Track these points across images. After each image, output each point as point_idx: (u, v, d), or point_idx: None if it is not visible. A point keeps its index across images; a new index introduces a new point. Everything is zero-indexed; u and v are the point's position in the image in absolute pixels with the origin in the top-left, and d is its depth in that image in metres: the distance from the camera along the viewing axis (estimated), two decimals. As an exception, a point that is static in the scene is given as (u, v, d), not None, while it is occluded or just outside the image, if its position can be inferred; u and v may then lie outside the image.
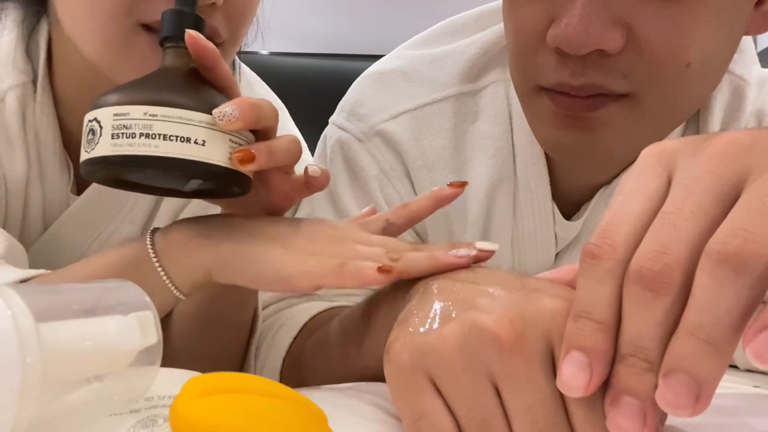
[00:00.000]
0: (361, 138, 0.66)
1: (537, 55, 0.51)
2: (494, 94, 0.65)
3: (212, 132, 0.42)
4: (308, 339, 0.58)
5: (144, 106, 0.41)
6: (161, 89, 0.42)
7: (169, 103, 0.41)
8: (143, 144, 0.41)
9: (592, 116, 0.51)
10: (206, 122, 0.42)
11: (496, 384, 0.31)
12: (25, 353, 0.25)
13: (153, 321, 0.32)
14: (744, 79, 0.60)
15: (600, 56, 0.48)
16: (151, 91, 0.42)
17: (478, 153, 0.64)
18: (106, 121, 0.42)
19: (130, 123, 0.41)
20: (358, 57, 1.29)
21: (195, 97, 0.43)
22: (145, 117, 0.41)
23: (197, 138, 0.42)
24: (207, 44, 0.44)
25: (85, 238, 0.67)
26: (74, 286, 0.35)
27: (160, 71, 0.45)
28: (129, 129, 0.41)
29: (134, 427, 0.30)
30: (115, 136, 0.41)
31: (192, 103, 0.42)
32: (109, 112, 0.42)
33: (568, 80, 0.49)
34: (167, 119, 0.41)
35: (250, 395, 0.30)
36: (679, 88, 0.50)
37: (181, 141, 0.41)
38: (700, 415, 0.36)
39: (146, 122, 0.41)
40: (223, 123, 0.42)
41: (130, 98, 0.42)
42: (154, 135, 0.41)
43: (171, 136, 0.41)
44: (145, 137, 0.41)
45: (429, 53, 0.68)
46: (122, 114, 0.41)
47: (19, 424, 0.26)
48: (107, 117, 0.42)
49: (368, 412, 0.38)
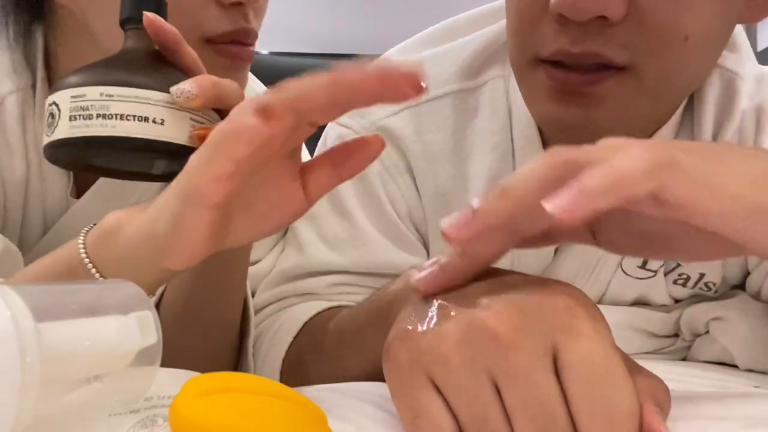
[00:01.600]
0: (362, 134, 0.67)
1: (537, 26, 0.51)
2: (494, 90, 0.65)
3: (171, 111, 0.42)
4: (308, 338, 0.58)
5: (100, 87, 0.41)
6: (119, 70, 0.42)
7: (126, 83, 0.41)
8: (100, 125, 0.40)
9: (589, 91, 0.51)
10: (165, 101, 0.41)
11: (495, 381, 0.31)
12: (25, 353, 0.25)
13: (153, 321, 0.32)
14: (736, 73, 0.60)
15: (601, 24, 0.48)
16: (109, 72, 0.42)
17: (478, 148, 0.64)
18: (63, 104, 0.41)
19: (87, 104, 0.41)
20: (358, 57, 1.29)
21: (154, 76, 0.42)
22: (101, 98, 0.40)
23: (155, 117, 0.41)
24: (167, 27, 0.43)
25: None
26: (74, 286, 0.35)
27: (120, 53, 0.45)
28: (86, 110, 0.41)
29: (134, 427, 0.30)
30: (73, 118, 0.41)
31: (149, 82, 0.41)
32: (66, 94, 0.41)
33: (567, 48, 0.49)
34: (124, 99, 0.41)
35: (249, 395, 0.30)
36: (677, 61, 0.50)
37: (139, 120, 0.41)
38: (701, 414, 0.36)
39: (103, 103, 0.40)
40: (181, 100, 0.41)
41: (86, 80, 0.41)
42: (110, 115, 0.40)
43: (128, 116, 0.40)
44: (102, 117, 0.40)
45: (428, 52, 0.68)
46: (79, 96, 0.41)
47: (19, 424, 0.26)
48: (65, 99, 0.41)
49: (368, 411, 0.38)
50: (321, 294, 0.65)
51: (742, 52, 0.62)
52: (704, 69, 0.57)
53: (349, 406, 0.39)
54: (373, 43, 1.30)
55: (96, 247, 0.42)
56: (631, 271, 0.64)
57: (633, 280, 0.65)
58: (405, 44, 0.73)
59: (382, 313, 0.45)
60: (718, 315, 0.65)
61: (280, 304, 0.65)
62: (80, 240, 0.43)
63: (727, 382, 0.61)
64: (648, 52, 0.49)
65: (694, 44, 0.49)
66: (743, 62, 0.61)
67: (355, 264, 0.65)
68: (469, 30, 0.68)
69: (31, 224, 0.66)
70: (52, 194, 0.65)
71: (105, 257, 0.42)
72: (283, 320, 0.62)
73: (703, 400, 0.39)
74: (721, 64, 0.60)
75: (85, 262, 0.41)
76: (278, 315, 0.64)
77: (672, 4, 0.47)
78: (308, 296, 0.65)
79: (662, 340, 0.69)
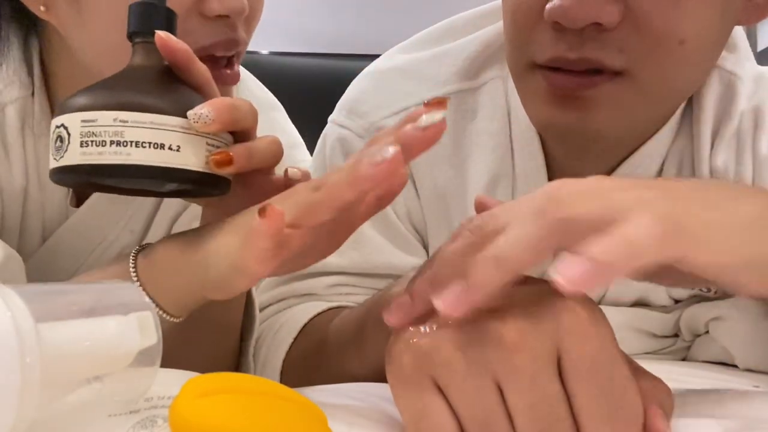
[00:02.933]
0: (362, 135, 0.67)
1: (534, 31, 0.51)
2: (493, 90, 0.65)
3: (187, 136, 0.40)
4: (308, 339, 0.58)
5: (113, 112, 0.38)
6: (131, 91, 0.40)
7: (140, 107, 0.39)
8: (114, 152, 0.38)
9: (585, 95, 0.51)
10: (180, 126, 0.39)
11: (498, 383, 0.31)
12: (25, 353, 0.25)
13: (152, 321, 0.32)
14: (735, 74, 0.60)
15: (596, 30, 0.48)
16: (121, 94, 0.39)
17: (478, 149, 0.64)
18: (73, 128, 0.39)
19: (99, 130, 0.38)
20: (358, 57, 1.29)
21: (168, 99, 0.40)
22: (114, 123, 0.38)
23: (171, 144, 0.39)
24: (179, 44, 0.42)
25: (84, 250, 0.67)
26: (74, 286, 0.35)
27: (129, 70, 0.43)
28: (98, 136, 0.38)
29: (134, 427, 0.31)
30: (84, 144, 0.39)
31: (165, 107, 0.39)
32: (76, 118, 0.39)
33: (564, 54, 0.49)
34: (139, 125, 0.39)
35: (249, 395, 0.30)
36: (674, 65, 0.50)
37: (155, 147, 0.39)
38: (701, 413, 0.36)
39: (116, 129, 0.38)
40: (199, 125, 0.40)
41: (98, 102, 0.39)
42: (125, 142, 0.38)
43: (143, 143, 0.39)
44: (116, 145, 0.38)
45: (428, 52, 0.68)
46: (90, 120, 0.39)
47: (19, 424, 0.26)
48: (75, 123, 0.39)
49: (368, 412, 0.38)
50: (321, 295, 0.65)
51: (741, 53, 0.62)
52: (701, 72, 0.57)
53: (350, 407, 0.39)
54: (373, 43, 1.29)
55: (145, 272, 0.43)
56: None
57: (633, 281, 0.65)
58: (405, 44, 0.73)
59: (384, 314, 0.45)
60: (717, 315, 0.65)
61: (280, 305, 0.65)
62: (131, 264, 0.43)
63: (727, 382, 0.61)
64: (644, 57, 0.49)
65: (690, 48, 0.49)
66: (742, 63, 0.61)
67: (354, 265, 0.65)
68: (468, 30, 0.68)
69: (30, 232, 0.66)
70: (51, 203, 0.65)
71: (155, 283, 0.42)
72: (283, 321, 0.62)
73: (703, 399, 0.39)
74: (720, 65, 0.60)
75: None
76: (278, 316, 0.64)
77: (667, 9, 0.47)
78: (308, 297, 0.65)
79: (662, 340, 0.69)
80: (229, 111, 0.41)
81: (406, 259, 0.66)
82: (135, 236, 0.68)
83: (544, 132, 0.60)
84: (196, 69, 0.43)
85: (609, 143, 0.58)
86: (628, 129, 0.55)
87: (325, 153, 0.69)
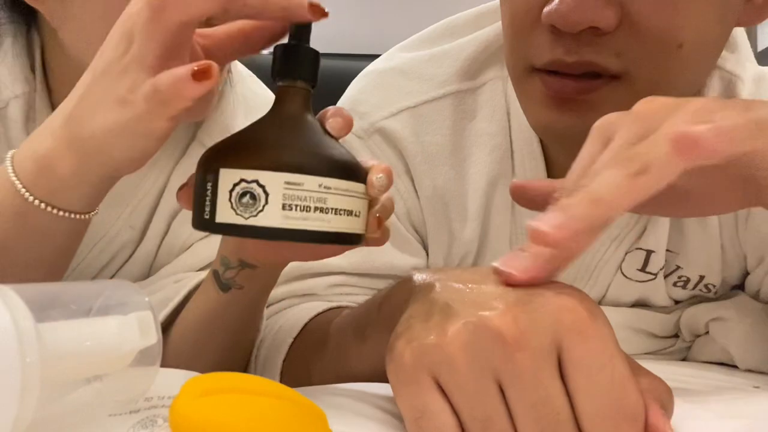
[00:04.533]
0: (361, 135, 0.67)
1: (531, 35, 0.51)
2: (492, 91, 0.65)
3: (364, 202, 0.40)
4: (309, 339, 0.58)
5: (319, 178, 0.38)
6: (321, 154, 0.39)
7: (340, 174, 0.38)
8: (317, 219, 0.38)
9: (583, 99, 0.51)
10: (363, 193, 0.40)
11: (499, 381, 0.31)
12: (25, 353, 0.25)
13: (153, 321, 0.32)
14: (735, 75, 0.60)
15: (594, 34, 0.48)
16: (317, 158, 0.38)
17: (477, 149, 0.64)
18: (274, 188, 0.37)
19: (305, 195, 0.37)
20: (358, 57, 1.29)
21: (350, 163, 0.40)
22: (319, 189, 0.38)
23: (358, 210, 0.40)
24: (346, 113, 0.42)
25: (85, 244, 0.67)
26: (74, 286, 0.35)
27: (291, 123, 0.41)
28: (303, 201, 0.37)
29: (134, 427, 0.31)
30: (288, 207, 0.37)
31: (354, 174, 0.39)
32: (279, 178, 0.37)
33: (561, 57, 0.49)
34: (339, 193, 0.38)
35: (249, 395, 0.30)
36: (672, 69, 0.50)
37: (347, 215, 0.39)
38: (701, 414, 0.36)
39: (321, 195, 0.38)
40: (376, 192, 0.40)
41: (302, 165, 0.38)
42: (327, 209, 0.38)
43: (341, 211, 0.38)
44: (320, 212, 0.38)
45: (427, 52, 0.68)
46: (296, 183, 0.37)
47: (19, 424, 0.26)
48: (277, 184, 0.37)
49: (368, 412, 0.38)
50: (321, 295, 0.65)
51: (741, 52, 0.62)
52: (700, 75, 0.57)
53: (350, 407, 0.39)
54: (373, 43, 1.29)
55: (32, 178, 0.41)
56: (630, 274, 0.64)
57: (633, 282, 0.65)
58: (405, 43, 0.73)
59: (384, 313, 0.45)
60: (717, 315, 0.65)
61: (281, 305, 0.65)
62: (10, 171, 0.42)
63: (727, 382, 0.61)
64: (642, 60, 0.49)
65: (689, 51, 0.49)
66: (742, 63, 0.61)
67: (354, 265, 0.65)
68: (468, 29, 0.68)
69: None
70: None
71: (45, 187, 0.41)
72: (284, 321, 0.62)
73: (703, 399, 0.39)
74: (720, 65, 0.60)
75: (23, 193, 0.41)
76: (278, 316, 0.63)
77: (665, 12, 0.47)
78: (308, 297, 0.65)
79: (662, 340, 0.69)
80: (388, 175, 0.41)
81: (406, 260, 0.66)
82: (136, 232, 0.68)
83: (542, 135, 0.60)
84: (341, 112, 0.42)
85: None
86: None
87: None
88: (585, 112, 0.51)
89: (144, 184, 0.66)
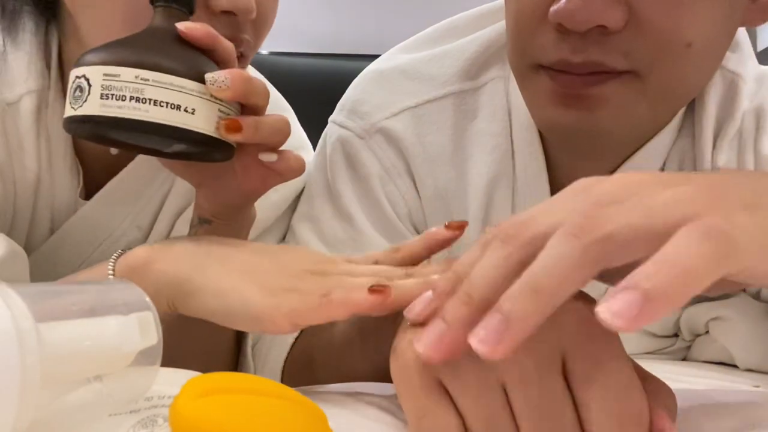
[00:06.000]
0: (362, 135, 0.67)
1: (537, 33, 0.51)
2: (493, 91, 0.65)
3: (202, 100, 0.42)
4: (311, 338, 0.58)
5: (135, 69, 0.41)
6: (152, 52, 0.42)
7: (161, 68, 0.41)
8: (133, 108, 0.41)
9: (591, 93, 0.50)
10: (197, 90, 0.42)
11: (503, 383, 0.31)
12: (25, 354, 0.25)
13: (153, 321, 0.32)
14: (738, 74, 0.60)
15: (601, 33, 0.48)
16: (144, 53, 0.42)
17: (478, 149, 0.64)
18: (95, 80, 0.41)
19: (121, 85, 0.41)
20: (358, 57, 1.29)
21: (187, 63, 0.43)
22: (136, 80, 0.41)
23: (187, 106, 0.42)
24: (199, 31, 0.44)
25: (91, 243, 0.67)
26: (74, 286, 0.35)
27: (150, 31, 0.45)
28: (119, 91, 0.41)
29: (134, 427, 0.30)
30: (105, 96, 0.41)
31: (184, 70, 0.42)
32: (98, 70, 0.41)
33: (568, 57, 0.49)
34: (159, 85, 0.41)
35: (249, 395, 0.30)
36: (680, 68, 0.50)
37: (171, 108, 0.41)
38: (701, 413, 0.36)
39: (137, 86, 0.41)
40: (214, 88, 0.42)
41: (121, 58, 0.41)
42: (144, 99, 0.41)
43: (161, 102, 0.41)
44: (136, 101, 0.41)
45: (429, 52, 0.68)
46: (113, 75, 0.41)
47: (19, 424, 0.26)
48: (97, 75, 0.41)
49: (368, 412, 0.38)
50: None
51: (743, 51, 0.62)
52: (707, 74, 0.57)
53: (350, 407, 0.39)
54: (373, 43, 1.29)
55: (124, 275, 0.43)
56: None
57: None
58: (406, 43, 0.73)
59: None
60: (717, 315, 0.65)
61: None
62: (110, 268, 0.44)
63: (727, 382, 0.61)
64: (649, 59, 0.49)
65: (696, 51, 0.49)
66: (744, 62, 0.61)
67: None
68: (470, 30, 0.68)
69: (39, 224, 0.66)
70: (60, 195, 0.65)
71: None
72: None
73: (703, 399, 0.39)
74: (723, 64, 0.60)
75: None
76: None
77: (672, 12, 0.47)
78: None
79: (662, 340, 0.69)
80: (244, 82, 0.43)
81: (406, 259, 0.66)
82: (142, 232, 0.68)
83: (548, 132, 0.60)
84: (221, 47, 0.45)
85: (612, 143, 0.58)
86: (632, 128, 0.55)
87: (325, 153, 0.69)
88: (592, 107, 0.51)
89: (152, 186, 0.67)
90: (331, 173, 0.68)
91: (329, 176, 0.68)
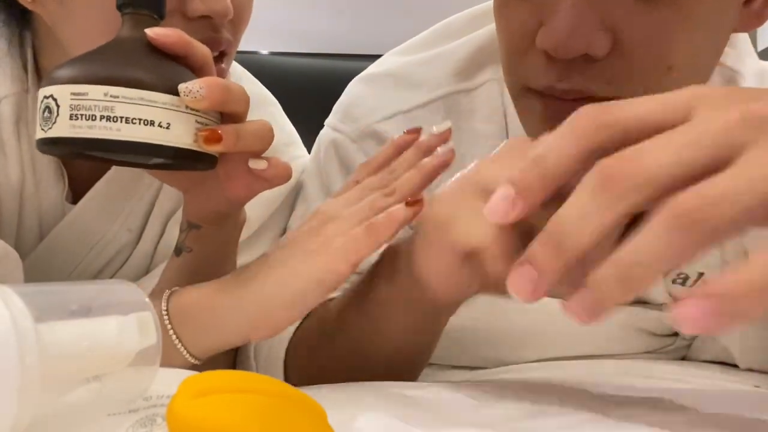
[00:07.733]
0: (355, 139, 0.67)
1: (527, 57, 0.51)
2: (489, 92, 0.65)
3: (177, 113, 0.40)
4: (312, 324, 0.58)
5: (104, 86, 0.38)
6: (121, 65, 0.40)
7: (131, 82, 0.39)
8: (104, 127, 0.38)
9: None
10: (171, 103, 0.40)
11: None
12: (25, 354, 0.25)
13: (152, 321, 0.32)
14: (737, 71, 0.60)
15: (586, 60, 0.48)
16: (111, 68, 0.39)
17: (474, 150, 0.64)
18: (63, 100, 0.39)
19: (90, 104, 0.38)
20: (358, 57, 1.29)
21: (158, 74, 0.40)
22: (105, 98, 0.38)
23: (161, 121, 0.39)
24: (170, 37, 0.42)
25: (82, 248, 0.67)
26: (73, 286, 0.35)
27: (119, 41, 0.42)
28: (88, 110, 0.38)
29: (133, 426, 0.31)
30: (74, 117, 0.39)
31: (155, 82, 0.39)
32: (66, 90, 0.39)
33: (554, 84, 0.50)
34: (129, 101, 0.39)
35: (248, 394, 0.30)
36: (661, 90, 0.50)
37: (144, 124, 0.39)
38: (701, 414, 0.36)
39: (106, 104, 0.38)
40: (188, 99, 0.40)
41: (88, 75, 0.39)
42: (115, 118, 0.38)
43: (133, 119, 0.39)
44: (106, 120, 0.38)
45: (420, 56, 0.69)
46: (80, 93, 0.39)
47: (18, 424, 0.26)
48: (64, 95, 0.39)
49: (368, 410, 0.38)
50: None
51: (741, 48, 0.62)
52: None
53: (352, 404, 0.39)
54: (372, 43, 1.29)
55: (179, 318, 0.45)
56: None
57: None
58: (399, 48, 0.73)
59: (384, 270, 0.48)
60: (717, 314, 0.65)
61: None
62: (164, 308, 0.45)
63: (727, 382, 0.61)
64: (631, 84, 0.49)
65: (679, 73, 0.49)
66: (743, 58, 0.61)
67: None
68: (463, 31, 0.68)
69: (28, 230, 0.65)
70: (47, 199, 0.65)
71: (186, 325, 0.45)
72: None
73: (704, 399, 0.39)
74: (721, 62, 0.60)
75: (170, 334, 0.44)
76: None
77: (656, 38, 0.47)
78: None
79: (662, 339, 0.69)
80: (221, 90, 0.41)
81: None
82: (133, 235, 0.68)
83: None
84: (196, 52, 0.43)
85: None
86: None
87: (319, 157, 0.70)
88: None
89: (139, 188, 0.66)
90: (325, 175, 0.68)
91: (324, 178, 0.69)
